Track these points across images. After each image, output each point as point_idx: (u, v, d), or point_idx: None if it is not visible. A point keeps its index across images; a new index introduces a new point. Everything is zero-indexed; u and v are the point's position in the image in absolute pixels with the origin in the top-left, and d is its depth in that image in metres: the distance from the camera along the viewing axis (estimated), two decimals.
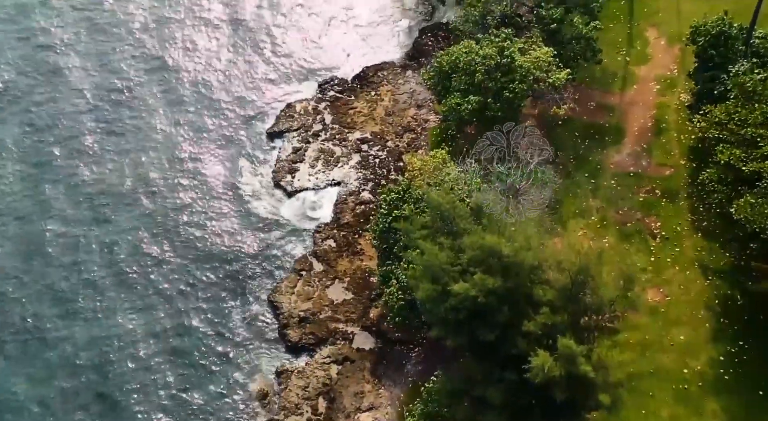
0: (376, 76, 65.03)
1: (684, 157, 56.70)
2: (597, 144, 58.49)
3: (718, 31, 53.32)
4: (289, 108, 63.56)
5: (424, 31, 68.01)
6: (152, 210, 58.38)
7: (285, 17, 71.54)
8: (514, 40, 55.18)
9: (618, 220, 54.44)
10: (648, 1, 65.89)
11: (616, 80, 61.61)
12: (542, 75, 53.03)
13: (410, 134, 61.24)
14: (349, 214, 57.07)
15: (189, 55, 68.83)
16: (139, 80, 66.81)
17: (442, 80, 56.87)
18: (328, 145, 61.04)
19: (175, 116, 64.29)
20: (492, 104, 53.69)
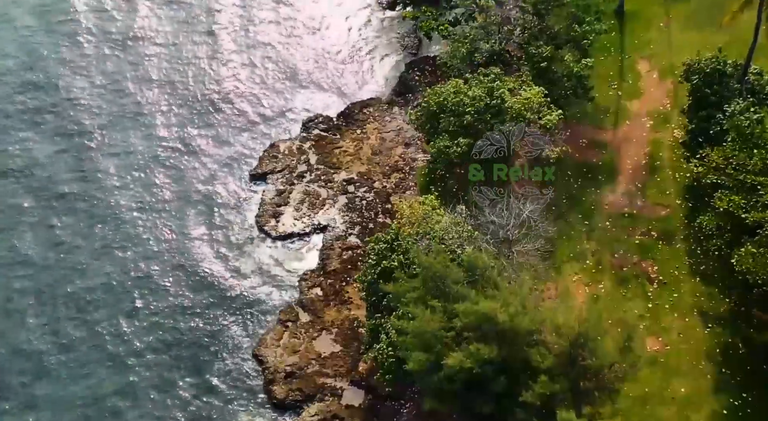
0: (362, 113, 63.20)
1: (679, 197, 55.18)
2: (590, 183, 56.90)
3: (712, 70, 51.93)
4: (273, 148, 61.54)
5: (411, 66, 66.26)
6: (126, 258, 56.03)
7: (267, 53, 69.43)
8: (503, 79, 53.62)
9: (614, 264, 52.76)
10: (639, 32, 64.58)
11: (608, 116, 60.13)
12: (533, 117, 51.42)
13: (398, 174, 59.40)
14: (336, 260, 55.10)
15: (165, 93, 66.50)
16: (111, 120, 64.37)
17: (429, 120, 55.25)
18: (313, 186, 59.09)
19: (150, 158, 61.97)
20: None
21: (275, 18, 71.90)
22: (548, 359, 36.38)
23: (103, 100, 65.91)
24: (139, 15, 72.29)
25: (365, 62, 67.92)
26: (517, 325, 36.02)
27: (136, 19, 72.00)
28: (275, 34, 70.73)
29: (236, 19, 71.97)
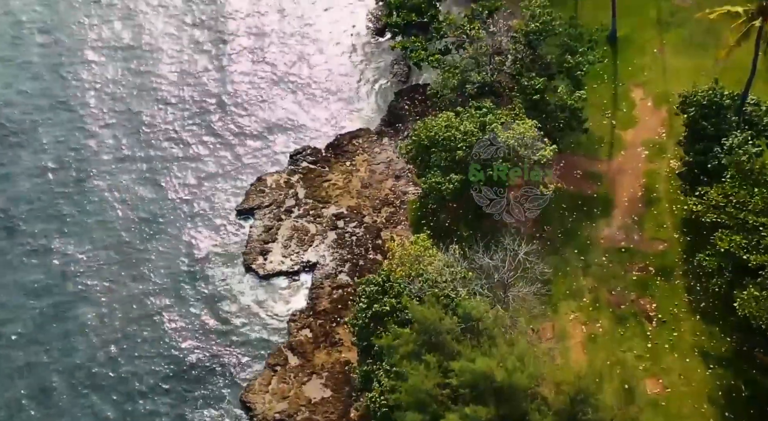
0: (351, 144, 61.65)
1: (677, 231, 53.87)
2: (585, 216, 55.54)
3: (709, 102, 50.74)
4: (260, 182, 59.89)
5: (400, 94, 64.70)
6: (110, 302, 54.22)
7: (253, 82, 67.57)
8: (495, 112, 52.24)
9: (611, 301, 51.38)
10: (632, 58, 63.35)
11: (602, 146, 58.82)
12: (527, 153, 50.06)
13: (388, 208, 57.90)
14: (325, 300, 53.46)
15: (149, 127, 64.68)
16: (98, 160, 62.56)
17: (420, 153, 53.83)
18: (301, 222, 57.47)
19: (131, 193, 60.23)
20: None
21: (260, 47, 70.13)
22: (548, 416, 34.89)
23: (77, 144, 64.11)
24: (95, 68, 69.74)
25: (354, 91, 66.33)
26: (516, 382, 34.57)
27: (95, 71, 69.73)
28: (261, 63, 68.94)
29: (223, 46, 70.27)
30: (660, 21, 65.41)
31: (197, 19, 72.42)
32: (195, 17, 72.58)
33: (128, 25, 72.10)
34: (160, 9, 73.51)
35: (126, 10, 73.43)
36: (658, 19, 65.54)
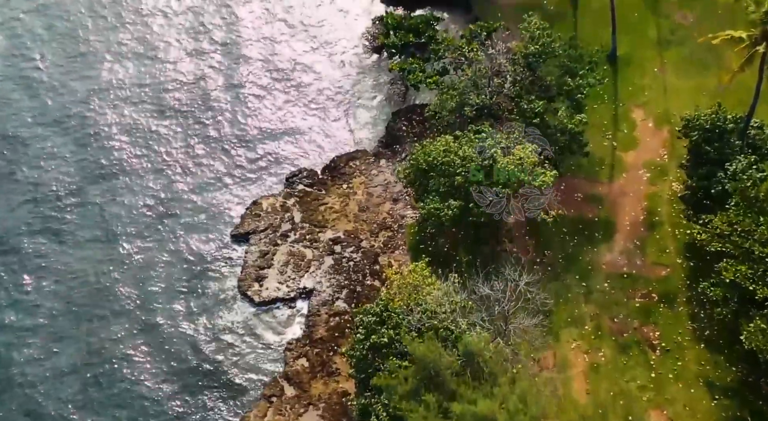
0: (348, 166, 60.65)
1: (680, 255, 52.91)
2: (587, 241, 54.60)
3: (712, 126, 49.85)
4: (255, 206, 58.81)
5: (398, 115, 63.64)
6: (100, 327, 53.37)
7: (249, 102, 66.40)
8: (495, 137, 51.29)
9: (614, 329, 50.41)
10: (632, 78, 62.44)
11: (603, 168, 57.88)
12: (527, 178, 49.10)
13: (386, 232, 56.89)
14: (322, 327, 52.43)
15: (142, 149, 63.52)
16: (83, 185, 61.31)
17: (418, 177, 52.89)
18: (298, 247, 56.45)
19: (124, 217, 59.14)
20: (474, 209, 49.70)
21: (256, 64, 69.06)
22: None
23: (73, 163, 63.02)
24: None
25: (350, 111, 65.24)
26: None
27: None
28: (257, 82, 67.89)
29: (216, 65, 69.15)
30: (660, 39, 64.53)
31: (188, 41, 70.93)
32: (185, 39, 71.06)
33: (111, 62, 70.21)
34: (147, 36, 71.84)
35: (114, 47, 71.51)
36: (659, 37, 64.65)
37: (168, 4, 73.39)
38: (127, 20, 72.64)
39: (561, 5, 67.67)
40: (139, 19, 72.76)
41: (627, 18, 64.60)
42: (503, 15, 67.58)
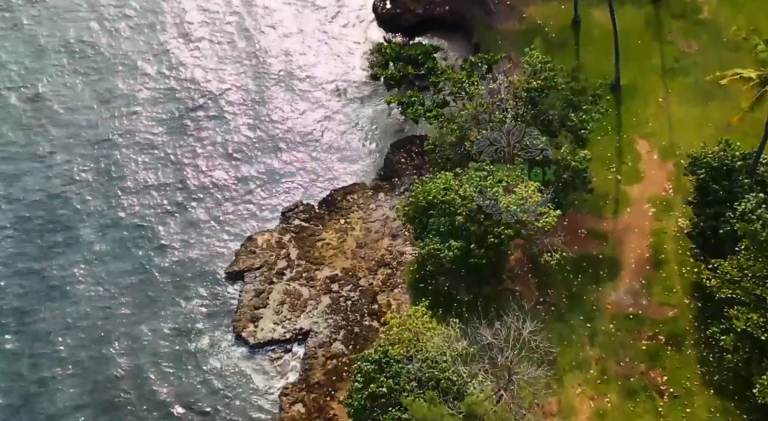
0: (345, 200, 59.11)
1: (687, 295, 51.40)
2: (591, 279, 53.08)
3: (719, 164, 48.39)
4: (250, 242, 57.26)
5: (396, 146, 62.03)
6: (94, 379, 51.68)
7: (243, 133, 64.60)
8: (496, 174, 49.83)
9: (620, 373, 48.89)
10: (636, 108, 60.97)
11: (607, 203, 56.34)
12: (530, 219, 47.64)
13: (385, 270, 55.38)
14: (319, 371, 50.87)
15: (136, 183, 61.69)
16: (73, 218, 59.60)
17: (418, 215, 51.44)
18: (294, 285, 54.90)
19: (115, 253, 57.47)
20: (475, 250, 48.24)
21: (249, 93, 67.17)
22: None
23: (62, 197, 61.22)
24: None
25: (347, 141, 63.59)
26: None
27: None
28: (250, 112, 66.01)
29: (208, 95, 67.08)
30: (664, 67, 63.05)
31: (179, 68, 69.28)
32: (177, 66, 69.43)
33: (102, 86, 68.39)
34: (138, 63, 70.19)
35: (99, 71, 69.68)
36: (663, 66, 63.17)
37: (163, 39, 71.46)
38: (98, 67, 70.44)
39: (563, 32, 66.28)
40: (124, 62, 70.64)
41: (630, 45, 63.18)
42: (504, 41, 66.37)
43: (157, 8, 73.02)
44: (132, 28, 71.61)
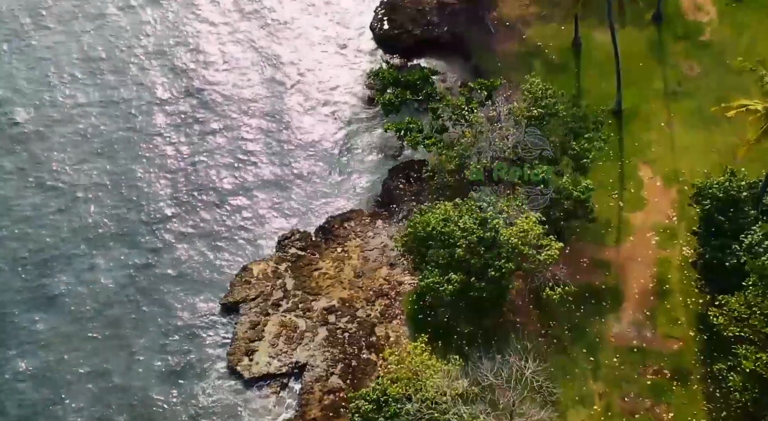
0: (343, 227, 57.83)
1: (693, 328, 50.29)
2: (594, 311, 51.92)
3: (725, 195, 47.27)
4: (245, 272, 55.86)
5: (394, 171, 60.59)
6: (82, 414, 50.22)
7: (237, 156, 62.98)
8: (496, 204, 48.73)
9: (624, 409, 47.69)
10: (638, 133, 59.89)
11: (609, 230, 55.21)
12: (531, 252, 46.51)
13: (383, 300, 54.11)
14: (316, 407, 49.49)
15: (122, 211, 60.07)
16: (65, 248, 58.01)
17: (417, 246, 50.31)
18: (290, 316, 53.61)
19: (106, 286, 55.90)
20: (476, 284, 47.09)
21: (244, 118, 65.45)
22: None
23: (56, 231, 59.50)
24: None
25: (345, 167, 62.13)
26: None
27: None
28: (244, 136, 64.34)
29: (202, 121, 65.44)
30: (667, 91, 62.03)
31: (176, 90, 67.66)
32: (174, 88, 67.76)
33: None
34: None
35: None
36: (665, 89, 62.17)
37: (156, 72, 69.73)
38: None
39: (563, 54, 65.27)
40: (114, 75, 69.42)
41: (632, 68, 62.03)
42: (503, 63, 65.37)
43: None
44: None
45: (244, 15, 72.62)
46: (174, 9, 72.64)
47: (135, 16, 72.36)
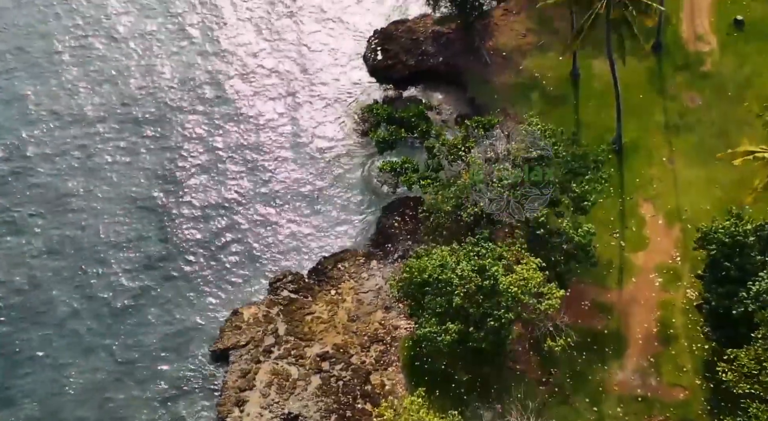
0: (336, 269, 56.06)
1: (699, 375, 48.61)
2: (596, 357, 50.21)
3: (731, 240, 45.68)
4: (236, 316, 53.97)
5: (389, 209, 58.96)
6: None
7: (228, 194, 61.18)
8: (495, 250, 47.05)
9: None
10: (640, 168, 58.34)
11: (611, 272, 53.58)
12: (532, 302, 44.85)
13: (378, 346, 52.31)
14: None
15: (111, 250, 58.26)
16: (50, 300, 55.77)
17: (413, 293, 48.60)
18: (282, 364, 51.75)
19: (88, 331, 54.01)
20: (474, 334, 45.38)
21: (232, 154, 63.69)
22: None
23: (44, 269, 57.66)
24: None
25: (337, 204, 60.38)
26: None
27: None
28: (235, 175, 62.48)
29: (193, 158, 63.52)
30: (668, 124, 60.52)
31: (159, 129, 65.65)
32: (157, 127, 65.75)
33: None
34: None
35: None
36: (666, 122, 60.66)
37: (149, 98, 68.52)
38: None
39: (561, 85, 63.77)
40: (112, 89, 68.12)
41: (632, 100, 60.65)
42: (500, 95, 63.83)
43: None
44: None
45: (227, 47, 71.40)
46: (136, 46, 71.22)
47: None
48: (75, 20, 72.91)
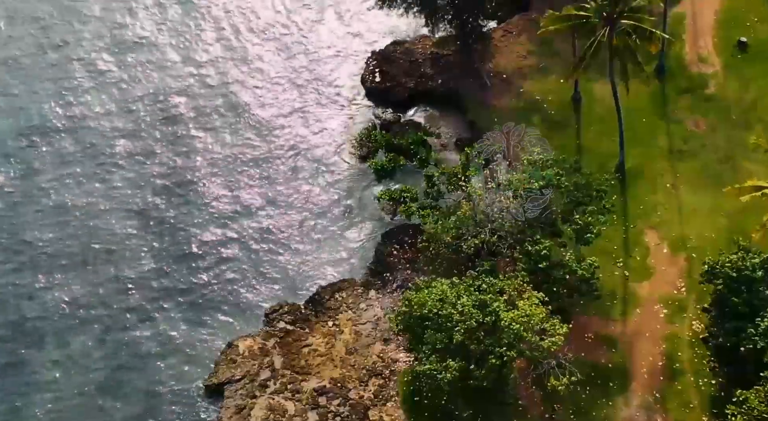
0: (333, 299, 54.80)
1: (706, 412, 47.26)
2: (600, 392, 48.87)
3: (738, 275, 44.51)
4: (231, 349, 52.61)
5: (388, 236, 57.64)
6: None
7: (222, 222, 59.88)
8: (495, 285, 45.89)
9: None
10: (643, 194, 57.22)
11: (615, 303, 52.33)
12: (534, 339, 43.67)
13: (377, 380, 50.97)
14: None
15: (108, 282, 56.89)
16: (38, 332, 54.44)
17: (412, 326, 47.40)
18: (278, 399, 50.39)
19: (79, 367, 52.59)
20: (475, 371, 44.19)
21: (227, 178, 62.68)
22: None
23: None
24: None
25: (335, 231, 59.06)
26: None
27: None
28: (228, 200, 61.33)
29: (186, 182, 62.58)
30: (672, 149, 59.54)
31: (157, 152, 64.83)
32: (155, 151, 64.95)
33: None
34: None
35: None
36: (670, 147, 59.67)
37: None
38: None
39: (562, 109, 62.79)
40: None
41: (634, 124, 59.70)
42: (500, 119, 62.29)
43: None
44: None
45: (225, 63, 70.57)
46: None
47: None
48: (81, 31, 72.72)
